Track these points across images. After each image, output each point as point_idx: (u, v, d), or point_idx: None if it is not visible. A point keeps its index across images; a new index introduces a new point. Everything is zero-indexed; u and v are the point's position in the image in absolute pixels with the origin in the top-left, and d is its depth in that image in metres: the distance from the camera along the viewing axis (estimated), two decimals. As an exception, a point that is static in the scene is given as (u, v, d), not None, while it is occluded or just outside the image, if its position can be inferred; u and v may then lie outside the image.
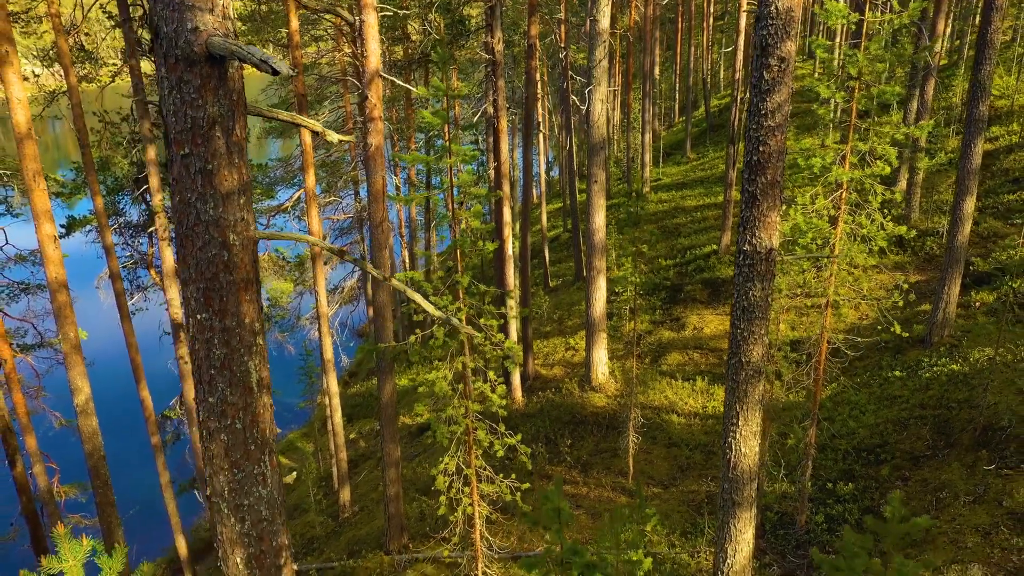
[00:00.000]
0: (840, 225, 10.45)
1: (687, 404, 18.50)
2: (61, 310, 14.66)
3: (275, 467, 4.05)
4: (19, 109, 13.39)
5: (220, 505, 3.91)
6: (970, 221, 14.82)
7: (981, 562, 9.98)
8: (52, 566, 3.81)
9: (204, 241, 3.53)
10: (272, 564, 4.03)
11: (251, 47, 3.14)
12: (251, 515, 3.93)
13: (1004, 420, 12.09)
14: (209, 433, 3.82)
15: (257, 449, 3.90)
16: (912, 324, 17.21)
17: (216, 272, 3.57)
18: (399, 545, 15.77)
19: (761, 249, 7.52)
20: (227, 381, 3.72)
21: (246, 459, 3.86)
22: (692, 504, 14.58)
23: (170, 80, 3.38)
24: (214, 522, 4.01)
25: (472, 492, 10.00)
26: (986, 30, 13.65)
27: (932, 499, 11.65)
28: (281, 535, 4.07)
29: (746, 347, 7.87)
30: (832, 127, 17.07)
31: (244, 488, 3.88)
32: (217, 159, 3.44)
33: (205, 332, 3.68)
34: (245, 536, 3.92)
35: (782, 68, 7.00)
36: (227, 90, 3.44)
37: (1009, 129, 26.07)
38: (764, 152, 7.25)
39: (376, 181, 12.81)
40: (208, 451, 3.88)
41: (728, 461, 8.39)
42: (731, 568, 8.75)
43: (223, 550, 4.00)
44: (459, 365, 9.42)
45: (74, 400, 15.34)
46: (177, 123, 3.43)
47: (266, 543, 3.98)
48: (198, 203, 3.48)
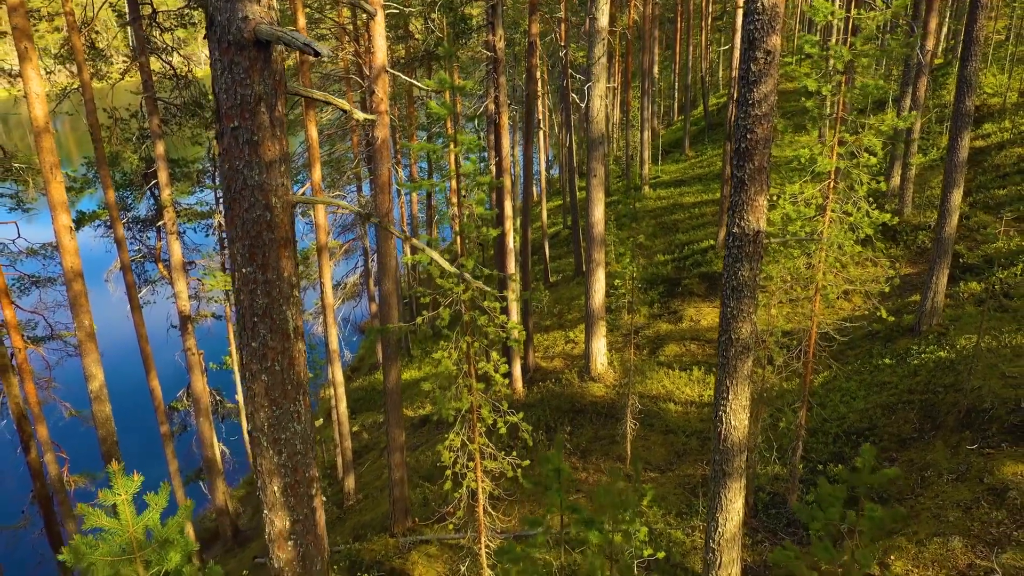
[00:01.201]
0: (828, 213, 10.92)
1: (684, 393, 18.97)
2: (76, 299, 15.12)
3: (307, 407, 4.51)
4: (37, 104, 13.85)
5: (260, 439, 4.38)
6: (957, 213, 15.29)
7: (962, 534, 10.46)
8: (107, 499, 4.26)
9: (250, 203, 4.01)
10: (305, 493, 4.50)
11: (295, 32, 3.61)
12: (287, 448, 4.41)
13: (987, 402, 12.57)
14: (251, 374, 4.30)
15: (293, 389, 4.38)
16: (903, 314, 17.69)
17: (260, 231, 4.05)
18: (404, 528, 16.23)
19: (749, 232, 7.99)
20: (268, 327, 4.20)
21: (283, 397, 4.34)
22: (688, 487, 15.04)
23: (222, 62, 3.86)
24: (254, 455, 4.47)
25: (476, 468, 10.46)
26: (972, 28, 14.12)
27: (917, 478, 12.12)
28: (312, 468, 4.54)
29: (735, 324, 8.34)
30: (820, 120, 17.52)
31: (282, 423, 4.36)
32: (262, 131, 3.92)
33: (249, 284, 4.16)
34: (282, 467, 4.40)
35: (768, 61, 7.47)
36: (271, 71, 3.91)
37: (1001, 126, 26.55)
38: (751, 140, 7.72)
39: (382, 173, 13.26)
40: (250, 391, 4.35)
41: (719, 434, 8.86)
42: (722, 536, 9.22)
43: (262, 480, 4.47)
44: (463, 345, 9.88)
45: (88, 386, 15.79)
46: (227, 99, 3.91)
47: (300, 474, 4.46)
48: (245, 170, 3.97)
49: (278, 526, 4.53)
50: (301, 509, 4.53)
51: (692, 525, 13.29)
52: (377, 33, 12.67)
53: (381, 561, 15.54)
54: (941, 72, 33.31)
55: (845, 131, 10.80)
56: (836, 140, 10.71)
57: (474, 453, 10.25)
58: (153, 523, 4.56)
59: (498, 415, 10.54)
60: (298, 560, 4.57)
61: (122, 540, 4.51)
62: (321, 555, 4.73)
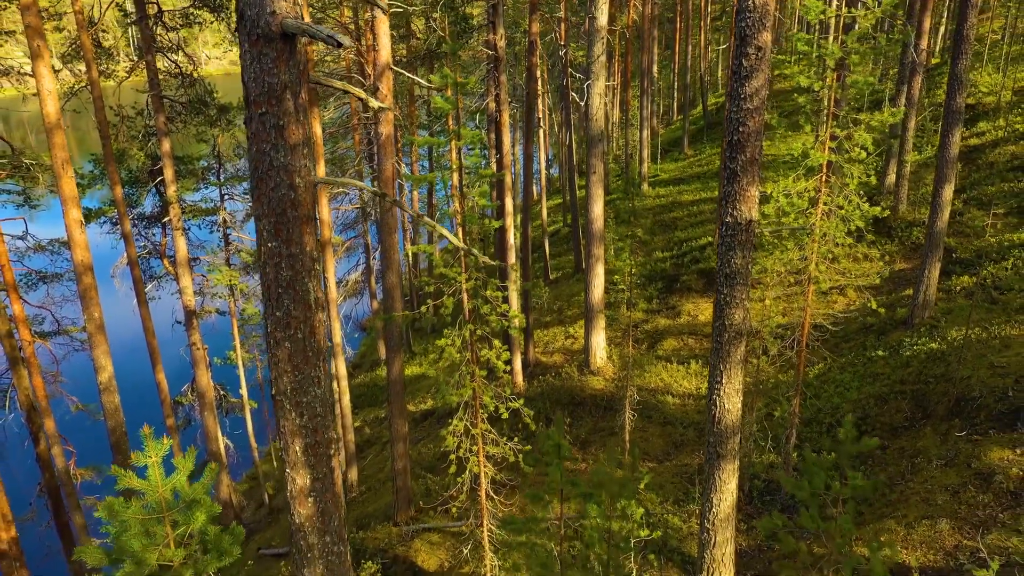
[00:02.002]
0: (820, 206, 11.25)
1: (681, 386, 19.29)
2: (87, 292, 15.45)
3: (327, 373, 4.83)
4: (49, 100, 14.18)
5: (283, 402, 4.71)
6: (949, 208, 15.62)
7: (949, 517, 10.79)
8: (139, 460, 4.58)
9: (276, 183, 4.34)
10: (324, 453, 4.83)
11: (319, 26, 3.93)
12: (308, 411, 4.73)
13: (976, 391, 12.89)
14: (275, 342, 4.63)
15: (314, 356, 4.70)
16: (896, 308, 18.02)
17: (284, 208, 4.38)
18: (407, 517, 16.56)
19: (742, 220, 8.32)
20: (291, 298, 4.52)
21: (305, 363, 4.67)
22: (685, 476, 15.37)
23: (252, 53, 4.18)
24: (277, 417, 4.80)
25: (479, 453, 10.78)
26: (962, 26, 14.44)
27: (908, 464, 12.45)
28: (330, 430, 4.86)
29: (729, 311, 8.67)
30: (814, 116, 17.80)
31: (303, 387, 4.69)
32: (287, 117, 4.24)
33: (274, 258, 4.48)
34: (303, 428, 4.73)
35: (759, 56, 7.80)
36: (296, 62, 4.23)
37: (996, 124, 26.88)
38: (743, 132, 8.05)
39: (387, 167, 13.58)
40: (274, 357, 4.68)
41: (713, 417, 9.19)
42: (716, 516, 9.55)
43: (284, 440, 4.79)
44: (466, 332, 10.20)
45: (98, 378, 16.12)
46: (256, 87, 4.23)
47: (319, 435, 4.78)
48: (271, 152, 4.29)
49: (299, 483, 4.86)
50: (320, 468, 4.86)
51: (689, 511, 13.62)
52: (382, 31, 13.00)
53: (385, 549, 15.87)
54: (938, 72, 33.65)
55: (836, 126, 11.13)
56: (828, 135, 11.04)
57: (477, 438, 10.57)
58: (180, 485, 4.88)
59: (500, 401, 10.86)
60: (317, 515, 4.90)
61: (152, 500, 4.84)
62: (338, 512, 5.05)
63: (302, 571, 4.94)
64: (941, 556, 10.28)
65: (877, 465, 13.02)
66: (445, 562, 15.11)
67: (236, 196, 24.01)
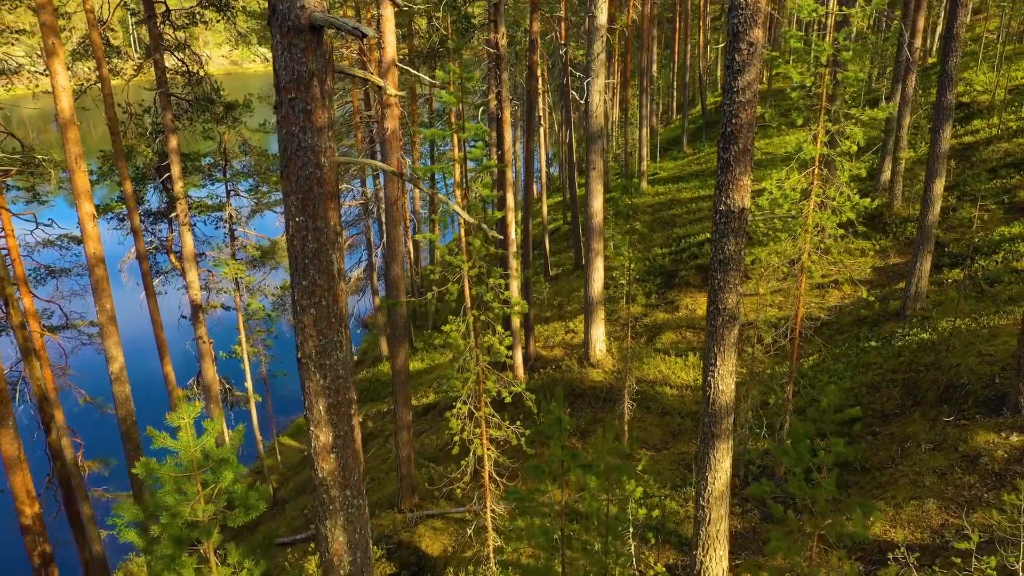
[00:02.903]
0: (812, 198, 11.64)
1: (679, 377, 19.68)
2: (99, 283, 15.84)
3: (347, 339, 5.22)
4: (63, 97, 14.57)
5: (308, 364, 5.09)
6: (940, 202, 16.01)
7: (936, 497, 11.18)
8: (173, 421, 4.97)
9: (303, 162, 4.73)
10: (345, 412, 5.21)
11: (344, 19, 4.31)
12: (331, 372, 5.11)
13: (964, 378, 13.29)
14: (302, 309, 5.01)
15: (336, 322, 5.09)
16: (890, 300, 18.41)
17: (311, 185, 4.76)
18: (411, 504, 16.94)
19: (735, 209, 8.71)
20: (316, 268, 4.90)
21: (328, 328, 5.05)
22: (683, 463, 15.75)
23: (282, 44, 4.57)
24: (302, 379, 5.19)
25: (482, 435, 11.17)
26: (952, 25, 14.84)
27: (897, 448, 12.84)
28: (351, 392, 5.24)
29: (722, 295, 9.06)
30: (806, 111, 18.16)
31: (327, 351, 5.07)
32: (314, 102, 4.63)
33: (301, 231, 4.87)
34: (326, 389, 5.11)
35: (751, 51, 8.19)
36: (322, 52, 4.61)
37: (990, 123, 27.28)
38: (736, 124, 8.44)
39: (392, 161, 13.96)
40: (300, 323, 5.06)
41: (708, 398, 9.57)
42: (711, 494, 9.94)
43: (309, 400, 5.18)
44: (470, 319, 10.59)
45: (109, 368, 16.50)
46: (286, 75, 4.62)
47: (341, 395, 5.17)
48: (300, 134, 4.68)
49: (322, 440, 5.24)
50: (342, 426, 5.24)
51: (686, 495, 14.00)
52: (387, 29, 13.37)
53: (390, 535, 16.25)
54: (934, 71, 34.03)
55: (829, 121, 11.52)
56: (820, 129, 11.43)
57: (480, 421, 10.95)
58: (209, 446, 5.26)
59: (502, 386, 11.25)
60: (339, 470, 5.29)
61: (185, 459, 5.22)
62: (358, 468, 5.42)
63: (324, 523, 5.33)
64: (928, 534, 10.67)
65: (868, 450, 13.41)
66: (449, 547, 15.50)
67: (242, 192, 24.40)
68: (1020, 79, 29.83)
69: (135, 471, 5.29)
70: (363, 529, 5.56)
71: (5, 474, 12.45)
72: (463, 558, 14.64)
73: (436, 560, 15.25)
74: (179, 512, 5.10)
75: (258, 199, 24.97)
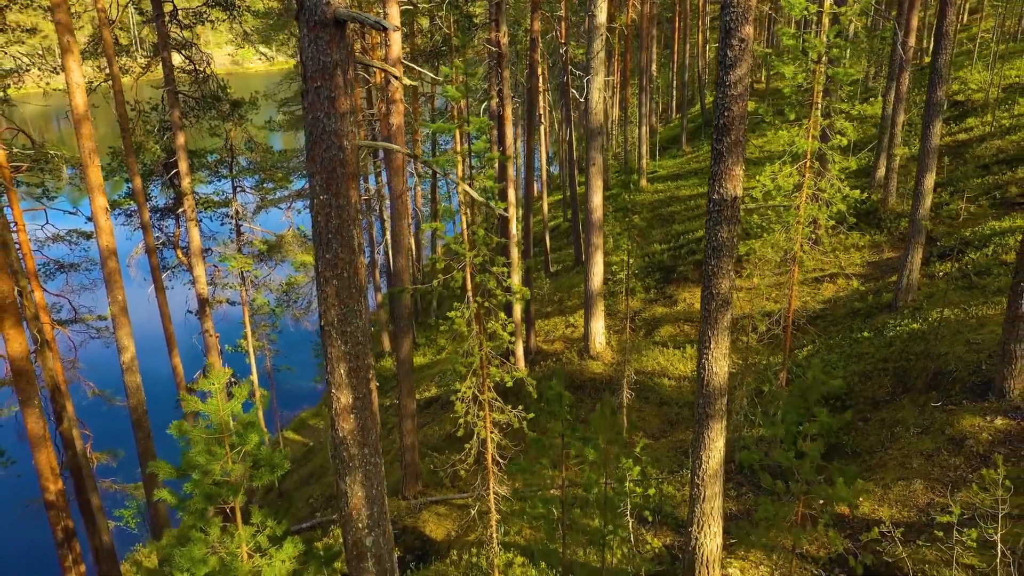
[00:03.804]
0: (804, 190, 12.06)
1: (677, 369, 20.10)
2: (111, 275, 16.26)
3: (366, 309, 5.62)
4: (78, 93, 15.00)
5: (331, 331, 5.51)
6: (930, 196, 16.43)
7: (923, 478, 11.60)
8: (204, 386, 5.38)
9: (327, 145, 5.15)
10: (364, 376, 5.63)
11: (366, 14, 4.72)
12: (351, 339, 5.53)
13: (952, 366, 13.71)
14: (325, 280, 5.43)
15: (356, 292, 5.50)
16: (882, 293, 18.84)
17: (334, 166, 5.18)
18: (415, 491, 17.36)
19: (727, 197, 9.13)
20: (339, 242, 5.32)
21: (349, 298, 5.46)
22: (680, 450, 16.18)
23: (309, 37, 4.99)
24: (325, 345, 5.60)
25: (485, 418, 11.59)
26: (942, 23, 15.26)
27: (887, 433, 13.26)
28: (369, 358, 5.66)
29: (716, 281, 9.48)
30: (798, 106, 18.56)
31: (347, 319, 5.48)
32: (337, 90, 5.05)
33: (325, 208, 5.29)
34: (347, 354, 5.53)
35: (742, 47, 8.61)
36: (344, 44, 5.04)
37: (984, 120, 27.72)
38: (729, 117, 8.86)
39: (397, 157, 14.38)
40: (323, 293, 5.48)
41: (702, 379, 9.99)
42: (705, 472, 10.36)
43: (331, 365, 5.60)
44: (474, 305, 11.01)
45: (120, 358, 16.94)
46: (312, 65, 5.04)
47: (360, 360, 5.59)
48: (324, 119, 5.10)
49: (343, 402, 5.66)
50: (361, 389, 5.66)
51: (683, 480, 14.43)
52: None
53: (394, 521, 16.68)
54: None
55: (820, 116, 11.94)
56: (812, 124, 11.85)
57: (484, 404, 11.37)
58: (237, 410, 5.68)
59: (504, 371, 11.67)
60: (358, 430, 5.70)
61: (215, 422, 5.64)
62: (375, 428, 5.84)
63: (344, 479, 5.74)
64: (914, 512, 11.10)
65: (859, 435, 13.84)
66: (452, 531, 15.93)
67: (248, 189, 24.82)
68: (1014, 78, 30.27)
69: (169, 431, 5.71)
70: (379, 486, 5.98)
71: (31, 451, 12.88)
72: (466, 541, 15.07)
73: (440, 544, 15.68)
74: (210, 470, 5.52)
75: (263, 195, 25.41)
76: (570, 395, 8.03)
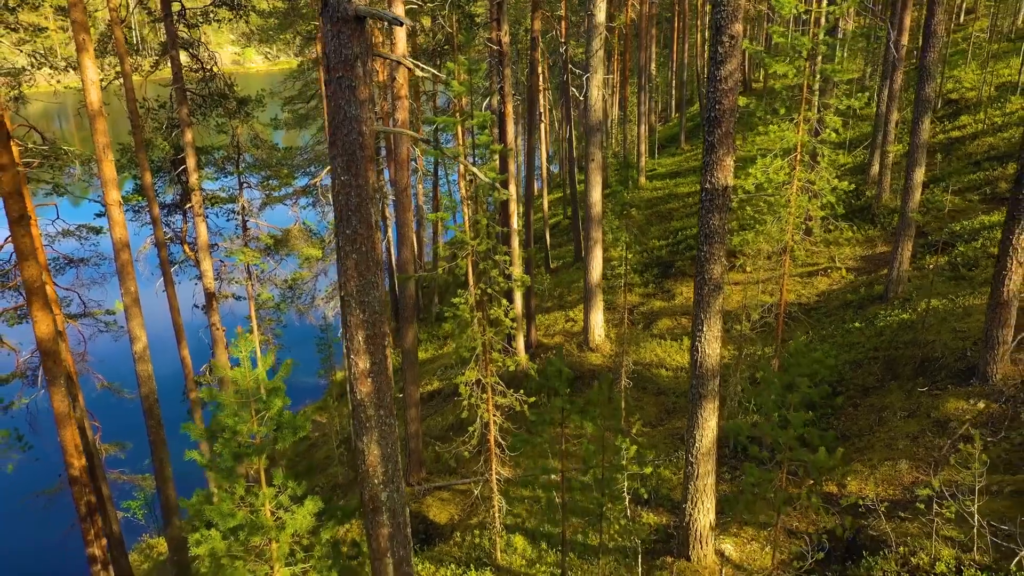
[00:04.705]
0: (794, 182, 12.54)
1: (674, 360, 20.58)
2: (124, 267, 16.73)
3: (382, 280, 6.10)
4: (92, 90, 15.47)
5: (350, 301, 5.98)
6: (919, 190, 16.92)
7: (908, 458, 12.09)
8: (234, 352, 5.85)
9: (348, 130, 5.63)
10: (380, 344, 6.11)
11: (384, 11, 5.21)
12: (369, 308, 6.00)
13: (938, 352, 14.20)
14: (344, 254, 5.91)
15: (373, 265, 5.98)
16: (874, 285, 19.33)
17: (354, 150, 5.66)
18: (419, 478, 17.83)
19: (719, 187, 9.62)
20: (358, 219, 5.80)
21: (367, 270, 5.93)
22: (676, 437, 16.65)
23: (332, 32, 5.47)
24: (344, 315, 6.07)
25: (488, 401, 12.07)
26: (930, 22, 15.74)
27: (875, 417, 13.74)
28: (384, 326, 6.14)
29: (708, 266, 9.97)
30: (789, 100, 18.99)
31: (365, 290, 5.96)
32: (358, 80, 5.53)
33: (346, 188, 5.77)
34: (365, 322, 6.01)
35: (732, 44, 9.10)
36: (364, 38, 5.51)
37: (976, 118, 28.20)
38: (719, 110, 9.35)
39: (402, 151, 14.85)
40: (344, 266, 5.95)
41: (695, 361, 10.48)
42: (699, 450, 10.84)
43: (350, 332, 6.07)
44: (477, 292, 11.50)
45: (133, 347, 17.39)
46: (335, 57, 5.52)
47: (377, 328, 6.07)
48: (346, 106, 5.59)
49: (361, 367, 6.13)
50: (377, 354, 6.14)
51: (678, 465, 14.90)
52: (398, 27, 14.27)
53: (398, 505, 17.15)
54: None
55: (808, 110, 12.42)
56: (801, 118, 12.34)
57: (487, 387, 11.85)
58: (262, 377, 6.15)
59: (507, 355, 12.15)
60: (374, 392, 6.18)
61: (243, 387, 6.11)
62: (389, 392, 6.31)
63: (362, 438, 6.22)
64: (899, 490, 11.59)
65: (849, 420, 14.32)
66: (455, 515, 16.42)
67: (253, 185, 25.29)
68: (1006, 76, 30.76)
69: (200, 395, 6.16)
70: (393, 445, 6.45)
71: (56, 429, 13.36)
72: (469, 524, 15.55)
73: (443, 527, 16.16)
74: (238, 430, 5.99)
75: (269, 192, 25.88)
76: (569, 371, 8.51)
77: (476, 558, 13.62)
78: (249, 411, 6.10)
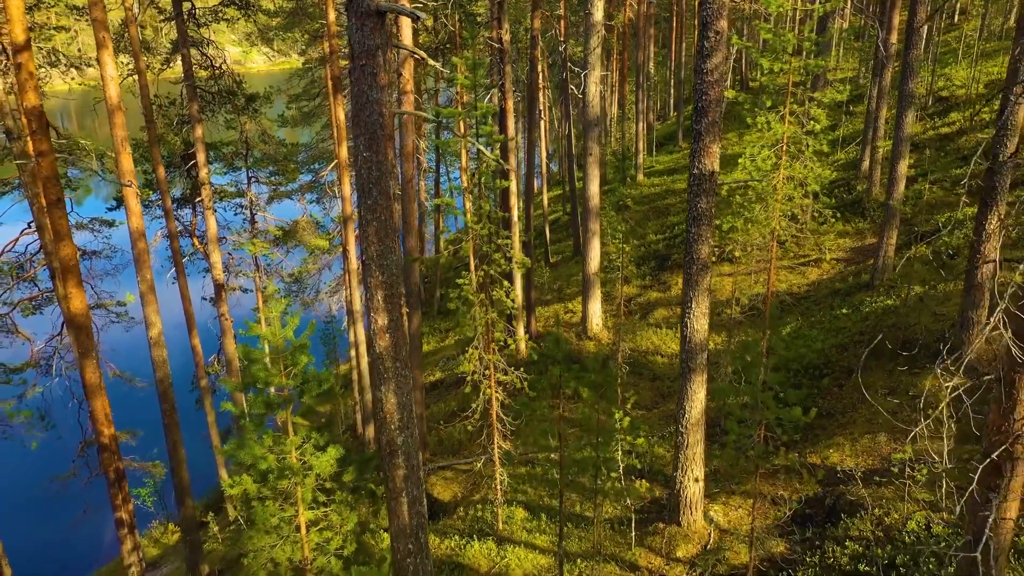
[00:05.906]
0: (781, 170, 13.25)
1: (670, 347, 21.29)
2: (140, 255, 17.43)
3: (399, 246, 6.81)
4: (111, 85, 16.18)
5: (371, 264, 6.69)
6: (904, 180, 17.63)
7: (887, 432, 12.80)
8: (264, 314, 6.56)
9: (369, 112, 6.33)
10: (397, 303, 6.82)
11: (403, 5, 5.91)
12: (387, 271, 6.71)
13: (919, 335, 14.91)
14: (366, 222, 6.62)
15: (392, 232, 6.69)
16: (861, 274, 20.05)
17: (375, 129, 6.37)
18: (423, 458, 18.55)
19: (706, 172, 10.32)
20: (378, 191, 6.51)
21: (386, 236, 6.64)
22: (671, 418, 17.34)
23: (356, 24, 6.18)
24: (365, 276, 6.76)
25: (491, 377, 12.79)
26: (912, 20, 16.45)
27: (858, 395, 14.46)
28: (400, 287, 6.83)
29: (696, 246, 10.68)
30: (775, 94, 19.71)
31: (384, 254, 6.67)
32: (379, 67, 6.24)
33: (367, 163, 6.48)
34: (384, 283, 6.71)
35: (717, 38, 9.81)
36: (384, 30, 6.22)
37: (965, 115, 28.91)
38: (706, 100, 10.06)
39: (408, 144, 15.56)
40: (365, 233, 6.66)
41: (685, 336, 11.18)
42: (689, 421, 11.56)
43: (370, 292, 6.77)
44: (480, 274, 12.20)
45: (148, 333, 18.08)
46: (359, 47, 6.23)
47: (394, 289, 6.77)
48: (368, 91, 6.29)
49: (379, 323, 6.84)
50: (394, 312, 6.84)
51: (672, 444, 15.60)
52: (404, 23, 14.97)
53: (404, 485, 17.86)
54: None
55: (794, 103, 13.13)
56: (787, 110, 13.04)
57: (489, 364, 12.56)
58: (289, 335, 6.85)
59: (508, 335, 12.86)
60: (392, 346, 6.88)
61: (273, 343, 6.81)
62: (405, 346, 7.01)
63: (380, 388, 6.92)
64: (878, 460, 12.30)
65: (834, 399, 15.03)
66: (459, 493, 17.14)
67: (261, 179, 26.02)
68: (995, 74, 31.47)
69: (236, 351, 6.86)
70: (408, 395, 7.15)
71: (87, 400, 14.07)
72: (472, 500, 16.27)
73: (447, 504, 16.88)
74: (269, 382, 6.68)
75: (276, 186, 26.61)
76: (567, 343, 9.20)
77: (479, 529, 14.33)
78: (279, 366, 6.80)
